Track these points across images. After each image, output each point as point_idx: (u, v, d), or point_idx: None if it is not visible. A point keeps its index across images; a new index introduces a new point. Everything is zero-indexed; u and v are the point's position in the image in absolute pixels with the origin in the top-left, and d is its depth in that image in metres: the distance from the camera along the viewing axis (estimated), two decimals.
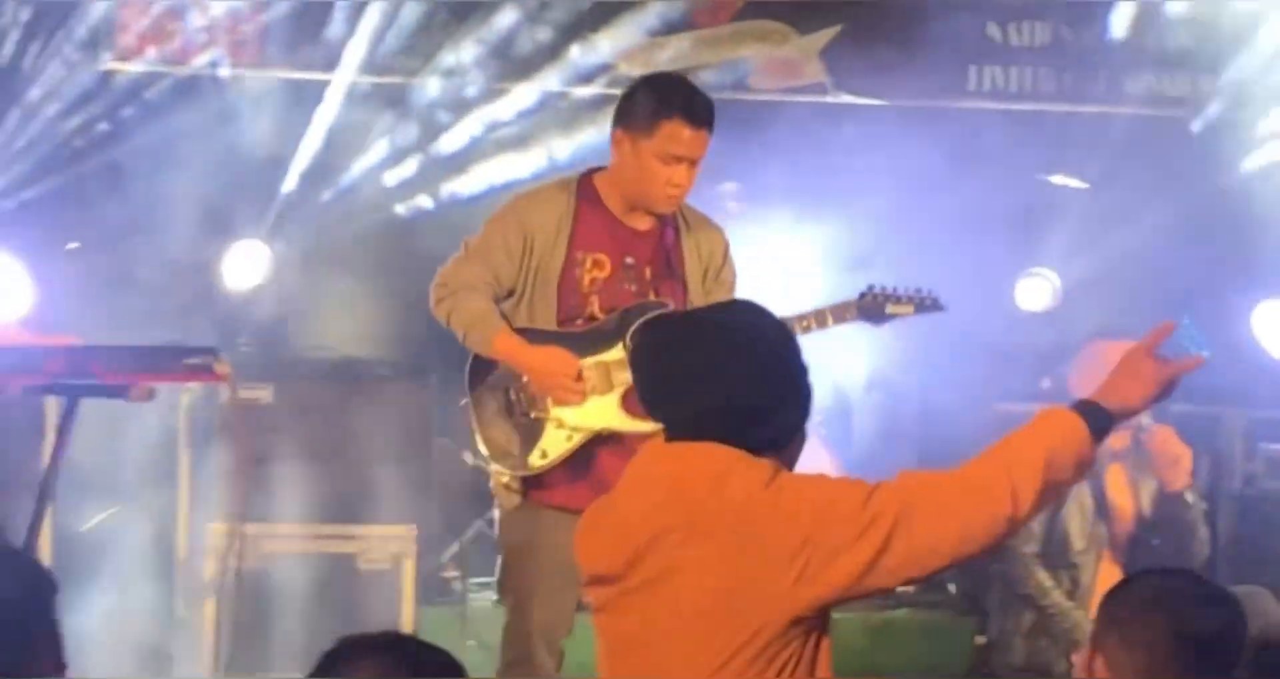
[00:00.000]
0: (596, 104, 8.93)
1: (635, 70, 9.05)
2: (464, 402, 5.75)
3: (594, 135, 8.74)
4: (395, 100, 9.17)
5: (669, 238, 5.79)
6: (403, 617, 7.52)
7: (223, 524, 7.50)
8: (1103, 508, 6.56)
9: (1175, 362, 3.66)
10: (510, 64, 9.08)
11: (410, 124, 9.17)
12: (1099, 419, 3.60)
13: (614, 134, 5.72)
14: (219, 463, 7.64)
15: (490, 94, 9.07)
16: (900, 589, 8.55)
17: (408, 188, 9.12)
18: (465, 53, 9.07)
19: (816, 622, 3.57)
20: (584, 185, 5.79)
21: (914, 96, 9.35)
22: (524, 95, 9.07)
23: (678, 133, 5.59)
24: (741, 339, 3.64)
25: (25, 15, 8.57)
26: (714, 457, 3.57)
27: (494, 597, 7.69)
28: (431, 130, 9.17)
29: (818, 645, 3.58)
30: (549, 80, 9.06)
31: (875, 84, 9.39)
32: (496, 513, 5.93)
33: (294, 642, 7.33)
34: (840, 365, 8.89)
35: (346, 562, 7.58)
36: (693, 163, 5.63)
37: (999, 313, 9.18)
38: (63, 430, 4.87)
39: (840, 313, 5.81)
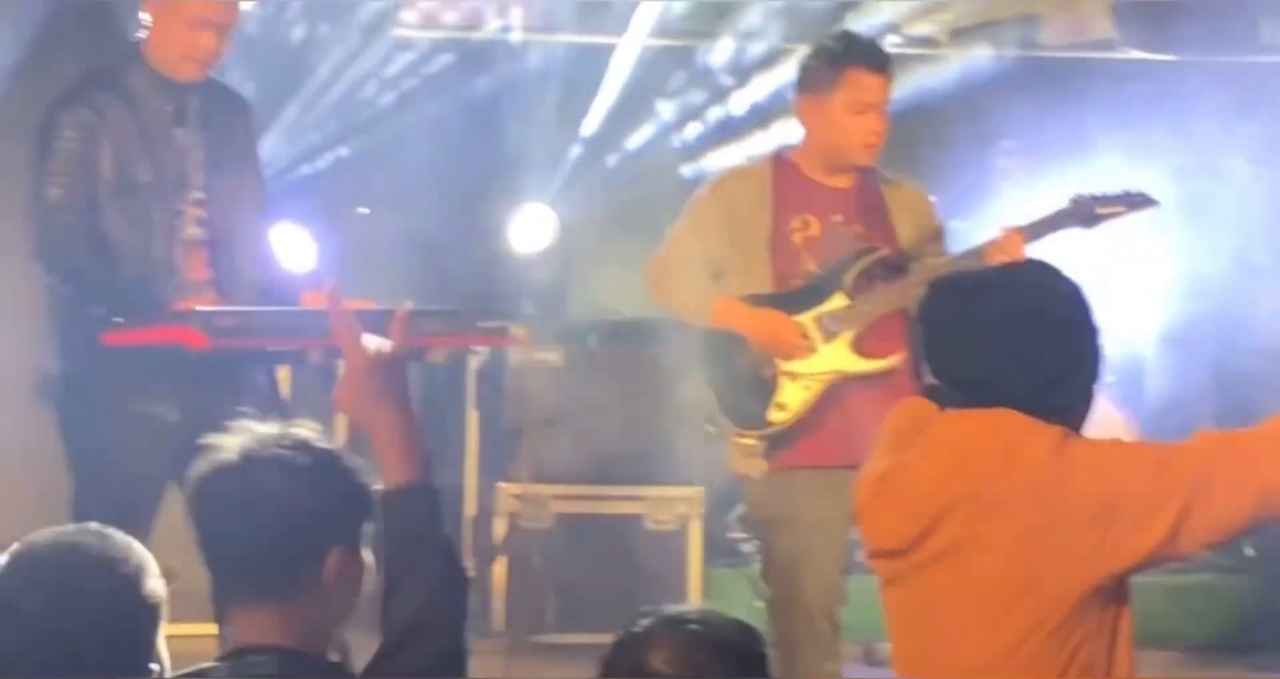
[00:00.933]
0: None
1: (923, 29, 9.00)
2: (698, 375, 5.77)
3: None
4: (683, 63, 9.19)
5: (872, 195, 5.78)
6: (689, 578, 7.56)
7: (512, 485, 7.61)
8: None
9: None
10: (797, 25, 9.05)
11: (698, 87, 9.19)
12: None
13: (798, 104, 5.76)
14: (508, 424, 7.75)
15: (778, 55, 9.05)
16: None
17: (695, 150, 9.14)
18: (753, 14, 9.05)
19: (1116, 591, 3.48)
20: (779, 159, 5.81)
21: (1204, 52, 9.15)
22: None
23: (860, 80, 5.60)
24: (1034, 301, 3.56)
25: None
26: (1004, 425, 3.50)
27: None
28: (719, 93, 9.18)
29: (1118, 616, 3.50)
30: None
31: (1164, 39, 9.21)
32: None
33: (581, 602, 7.41)
34: (1132, 323, 8.75)
35: (633, 522, 7.64)
36: (881, 110, 5.63)
37: None
38: None
39: (1054, 221, 5.73)
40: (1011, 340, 3.52)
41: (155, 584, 2.94)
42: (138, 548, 2.96)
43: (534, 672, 7.22)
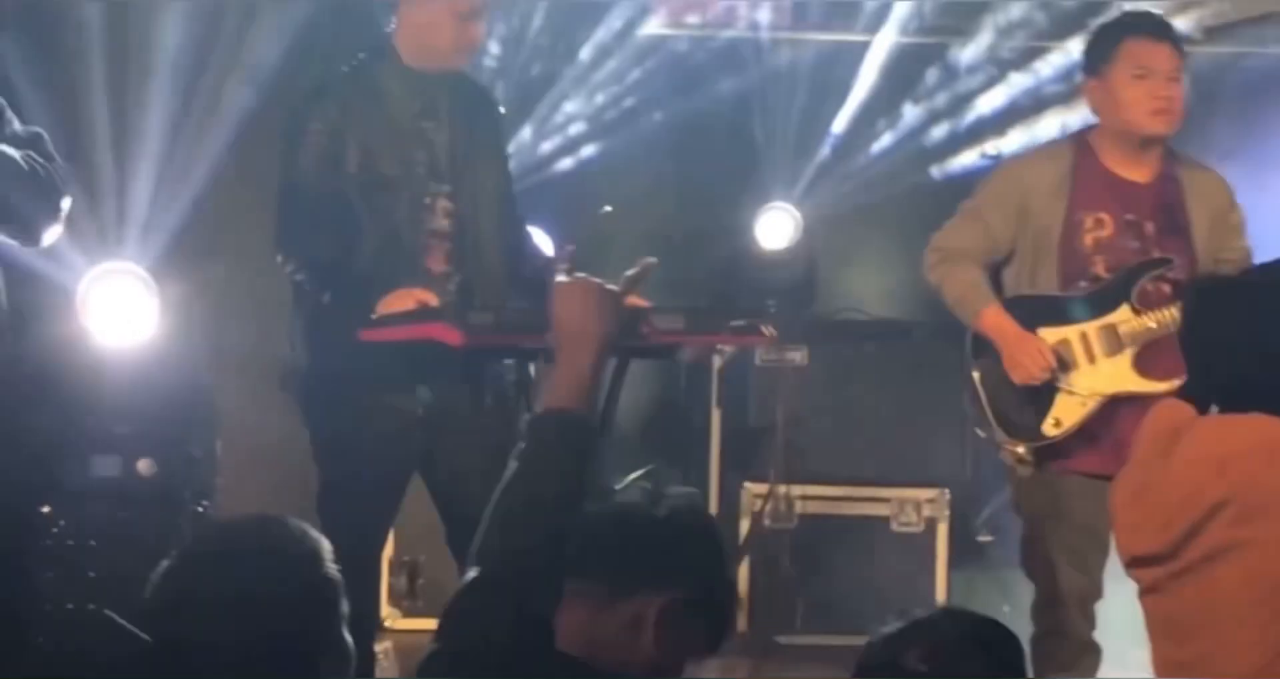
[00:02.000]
0: None
1: (1185, 25, 8.83)
2: (971, 374, 5.68)
3: None
4: (934, 61, 9.10)
5: (1170, 190, 5.64)
6: (937, 580, 7.49)
7: (758, 484, 7.59)
8: None
9: None
10: (1053, 22, 8.92)
11: (948, 85, 9.10)
12: None
13: (1085, 89, 5.68)
14: (753, 423, 7.73)
15: (1031, 53, 8.93)
16: None
17: (944, 150, 9.05)
18: (1010, 11, 8.94)
19: None
20: (1081, 144, 5.69)
21: None
22: (1066, 54, 8.90)
23: (1137, 48, 5.51)
24: None
25: None
26: (1263, 428, 3.46)
27: None
28: (970, 91, 9.08)
29: None
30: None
31: None
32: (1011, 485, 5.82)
33: (825, 603, 7.38)
34: None
35: (879, 523, 7.58)
36: (1168, 75, 5.51)
37: None
38: (613, 391, 4.99)
39: None
40: (1269, 345, 3.47)
41: (331, 568, 2.88)
42: (311, 532, 2.92)
43: (779, 673, 7.19)
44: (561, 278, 3.30)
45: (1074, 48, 8.76)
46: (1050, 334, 5.57)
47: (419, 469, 5.45)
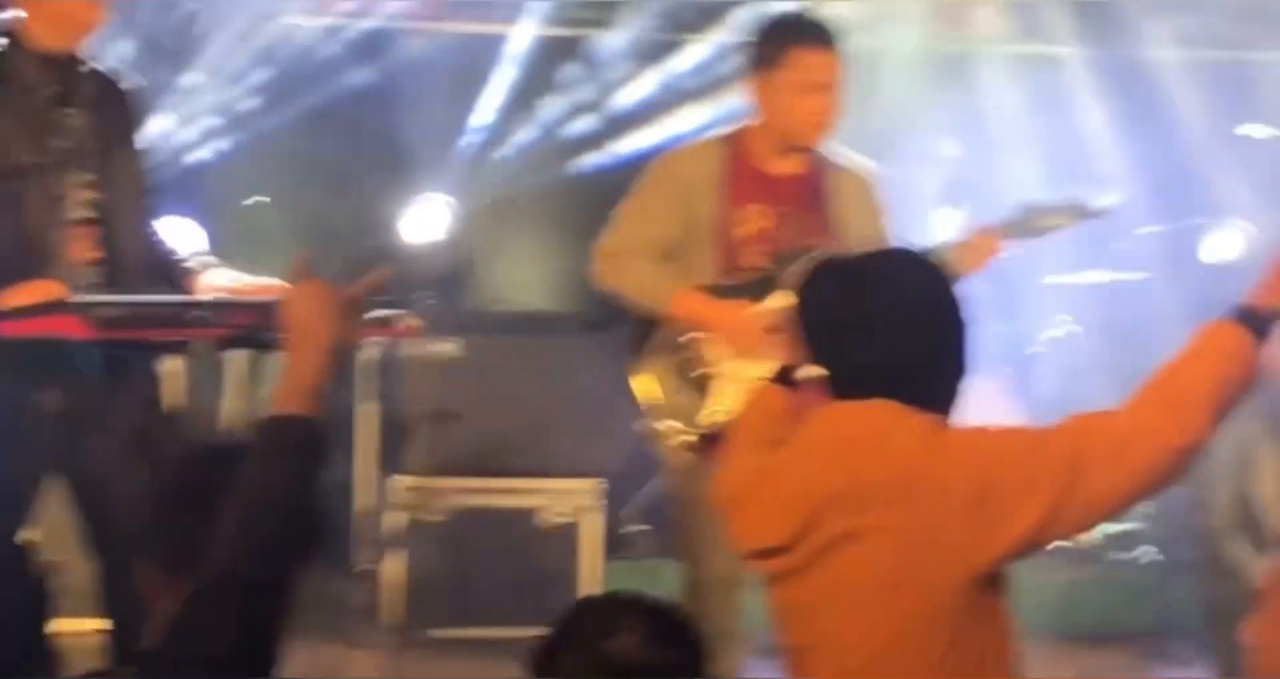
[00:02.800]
0: None
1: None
2: (635, 365, 5.69)
3: None
4: (575, 53, 9.12)
5: (819, 183, 5.73)
6: (586, 571, 7.50)
7: (407, 478, 7.52)
8: None
9: None
10: (691, 15, 9.01)
11: (590, 78, 9.13)
12: (1257, 324, 3.49)
13: (748, 82, 5.70)
14: (403, 417, 7.66)
15: (670, 46, 9.00)
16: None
17: (587, 142, 9.08)
18: (645, 5, 9.00)
19: (995, 580, 3.51)
20: (734, 140, 5.75)
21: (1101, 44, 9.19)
22: (703, 47, 9.00)
23: (806, 59, 5.55)
24: (909, 290, 3.57)
25: None
26: (879, 415, 3.51)
27: None
28: (611, 84, 9.13)
29: (997, 605, 3.53)
30: (729, 31, 8.99)
31: (1059, 31, 9.24)
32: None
33: (475, 596, 7.34)
34: (1024, 313, 8.78)
35: (529, 516, 7.57)
36: (828, 88, 5.57)
37: (1190, 263, 9.01)
38: (255, 384, 4.89)
39: (1003, 232, 5.71)
40: (888, 328, 3.52)
41: None
42: None
43: (427, 666, 7.14)
44: (291, 281, 3.21)
45: (714, 40, 8.86)
46: None
47: (57, 469, 5.27)
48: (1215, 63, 9.22)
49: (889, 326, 3.52)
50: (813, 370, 3.64)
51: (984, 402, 3.79)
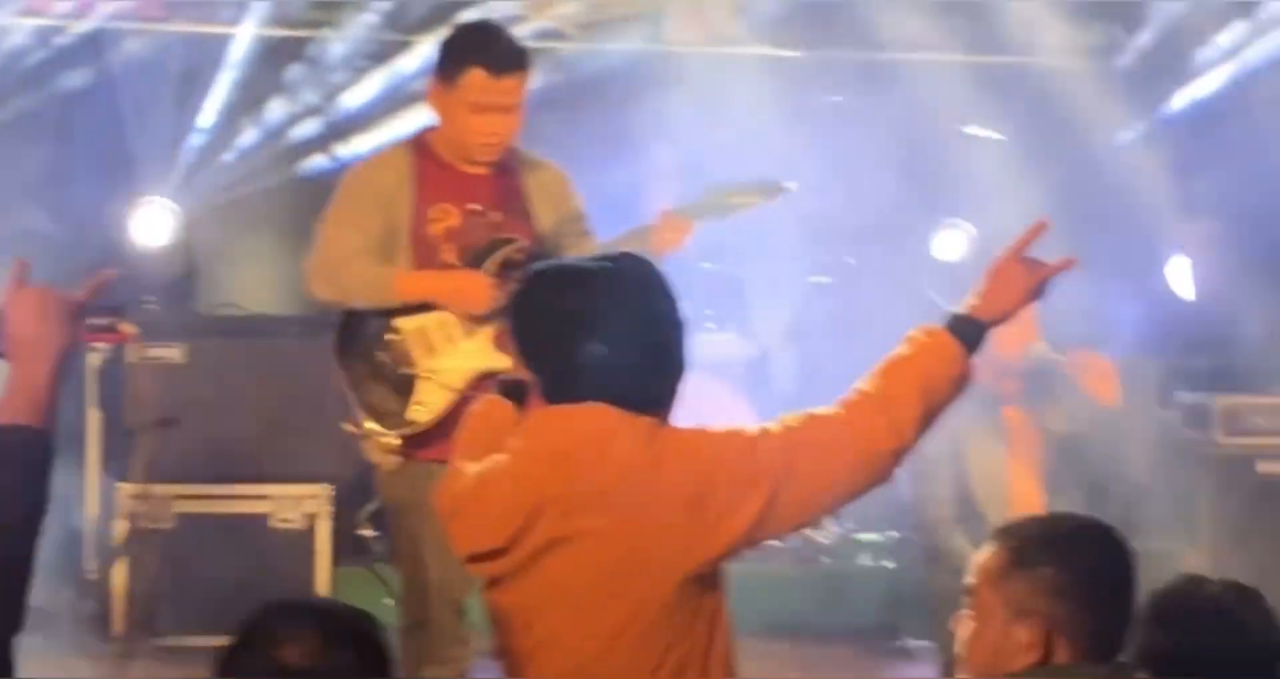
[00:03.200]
0: None
1: (546, 21, 8.99)
2: (340, 368, 5.64)
3: None
4: (299, 55, 9.05)
5: (510, 179, 5.71)
6: (318, 576, 7.45)
7: (132, 485, 7.41)
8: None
9: (1046, 264, 3.65)
10: (416, 17, 8.97)
11: (315, 80, 9.06)
12: (970, 331, 3.59)
13: (429, 88, 5.68)
14: (126, 423, 7.54)
15: (395, 48, 8.96)
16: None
17: (312, 144, 9.01)
18: (370, 6, 8.95)
19: (712, 579, 3.54)
20: (419, 142, 5.71)
21: (829, 47, 9.30)
22: (429, 48, 8.97)
23: (479, 82, 5.50)
24: (625, 290, 3.57)
25: None
26: (596, 419, 3.51)
27: None
28: (336, 86, 9.06)
29: (715, 606, 3.56)
30: None
31: (791, 35, 9.34)
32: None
33: (205, 603, 7.24)
34: (757, 313, 8.87)
35: (259, 521, 7.49)
36: (508, 110, 5.55)
37: (916, 263, 9.14)
38: None
39: (691, 211, 5.73)
40: (605, 333, 3.51)
41: None
42: None
43: (152, 674, 7.05)
44: (9, 289, 3.13)
45: (431, 45, 8.83)
46: (408, 323, 5.58)
47: None
48: (943, 65, 9.37)
49: (602, 328, 3.51)
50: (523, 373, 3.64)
51: (711, 402, 3.82)
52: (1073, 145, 9.08)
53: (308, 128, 9.04)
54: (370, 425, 5.56)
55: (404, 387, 5.54)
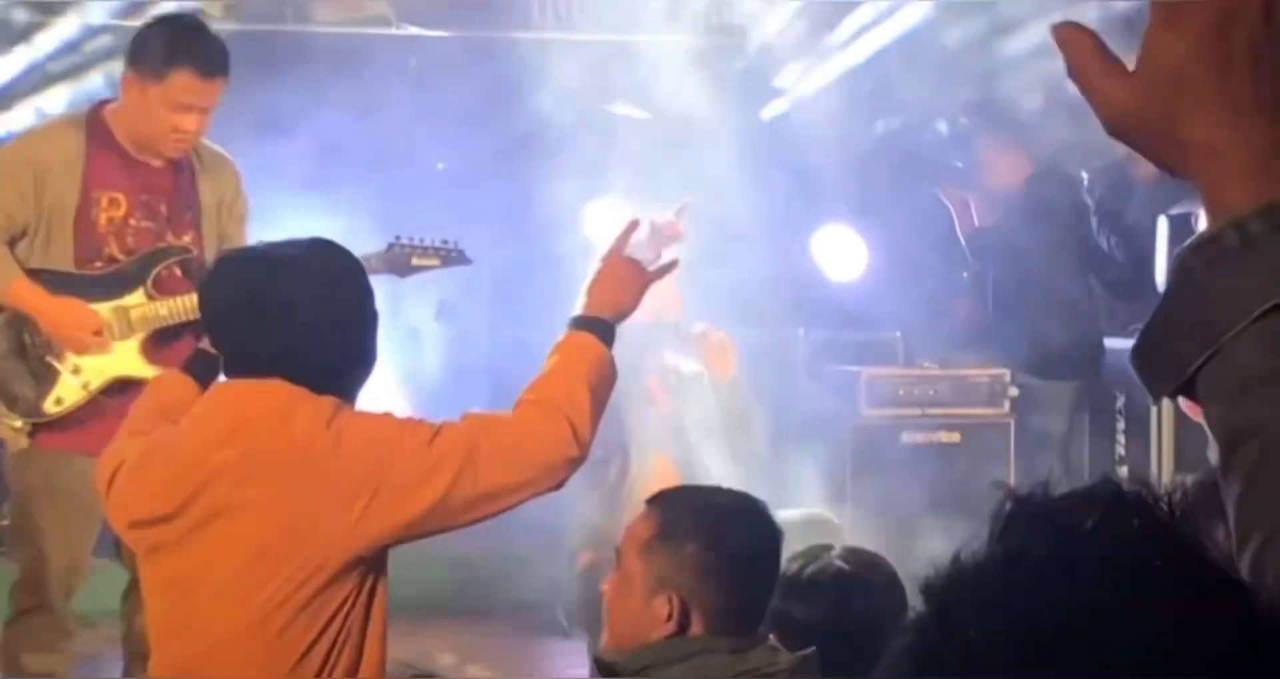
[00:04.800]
0: None
1: (188, 2, 8.87)
2: None
3: None
4: None
5: (184, 174, 5.66)
6: None
7: None
8: None
9: (652, 269, 3.88)
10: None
11: None
12: (605, 331, 3.73)
13: (124, 75, 5.58)
14: None
15: (32, 27, 8.76)
16: None
17: None
18: None
19: (375, 563, 3.59)
20: (94, 121, 5.61)
21: (479, 28, 9.32)
22: (67, 28, 8.78)
23: (188, 83, 5.46)
24: (312, 275, 3.61)
25: None
26: (276, 393, 3.54)
27: None
28: None
29: (375, 587, 3.60)
30: (94, 12, 8.81)
31: (440, 16, 9.33)
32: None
33: None
34: (409, 298, 8.84)
35: None
36: (203, 110, 5.51)
37: (568, 244, 9.19)
38: None
39: (365, 265, 5.66)
40: (289, 313, 3.55)
41: None
42: None
43: None
44: None
45: (69, 24, 8.65)
46: None
47: None
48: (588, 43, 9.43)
49: (286, 311, 3.54)
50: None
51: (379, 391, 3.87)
52: (720, 121, 9.20)
53: None
54: (1, 409, 5.44)
55: (43, 374, 5.44)
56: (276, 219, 6.05)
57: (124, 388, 5.45)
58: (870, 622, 3.48)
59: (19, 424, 5.44)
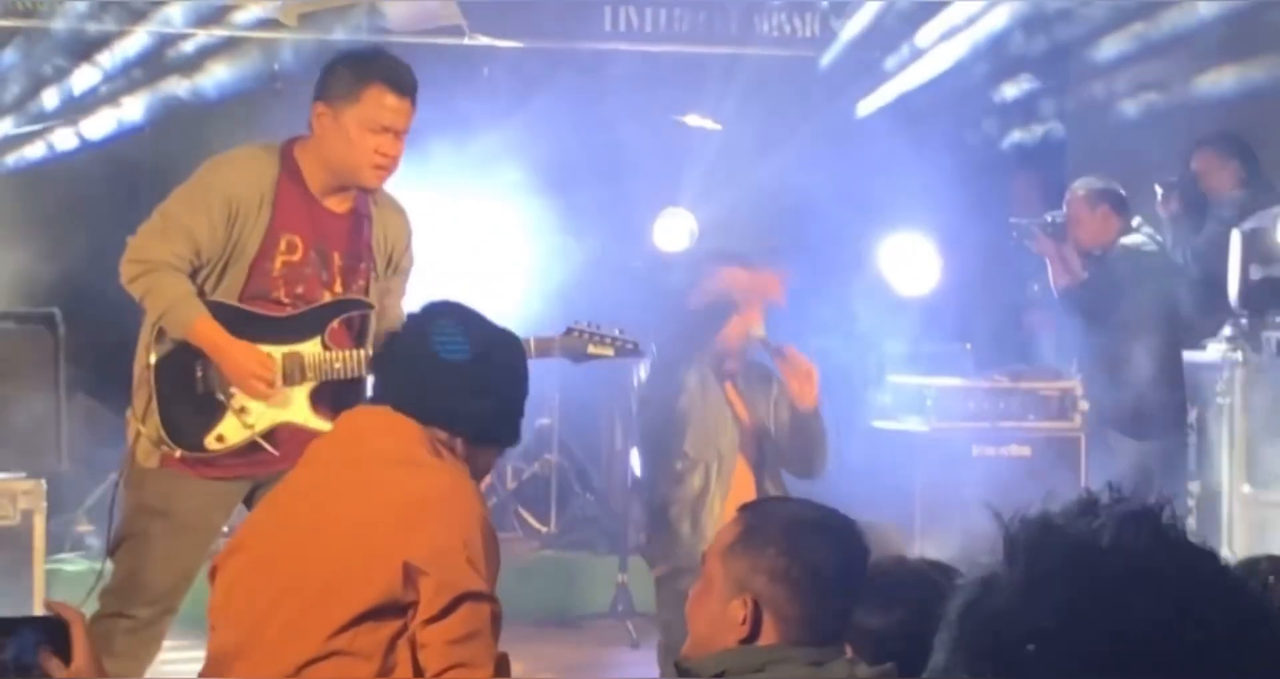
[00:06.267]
0: (224, 44, 8.86)
1: (261, 10, 8.95)
2: (150, 362, 5.48)
3: (224, 73, 8.69)
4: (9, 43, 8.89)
5: (362, 224, 5.55)
6: (35, 571, 7.31)
7: None
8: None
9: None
10: (128, 6, 8.85)
11: (23, 69, 8.89)
12: None
13: (315, 108, 5.47)
14: None
15: (106, 38, 8.83)
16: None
17: (21, 138, 8.85)
18: None
19: None
20: (286, 157, 5.49)
21: (550, 38, 9.36)
22: (140, 39, 8.84)
23: (382, 99, 5.37)
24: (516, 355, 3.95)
25: None
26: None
27: None
28: (45, 76, 8.91)
29: None
30: (168, 22, 8.87)
31: (512, 26, 9.37)
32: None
33: None
34: None
35: None
36: (398, 134, 5.43)
37: (637, 253, 9.22)
38: None
39: (542, 346, 5.65)
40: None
41: None
42: None
43: None
44: None
45: (142, 35, 8.70)
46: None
47: None
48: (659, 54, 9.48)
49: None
50: None
51: None
52: (788, 134, 9.22)
53: (13, 121, 8.87)
54: (157, 431, 5.42)
55: (208, 408, 5.42)
56: None
57: (281, 431, 5.45)
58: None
59: (178, 455, 5.43)
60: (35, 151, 8.80)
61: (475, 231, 8.59)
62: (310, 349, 5.48)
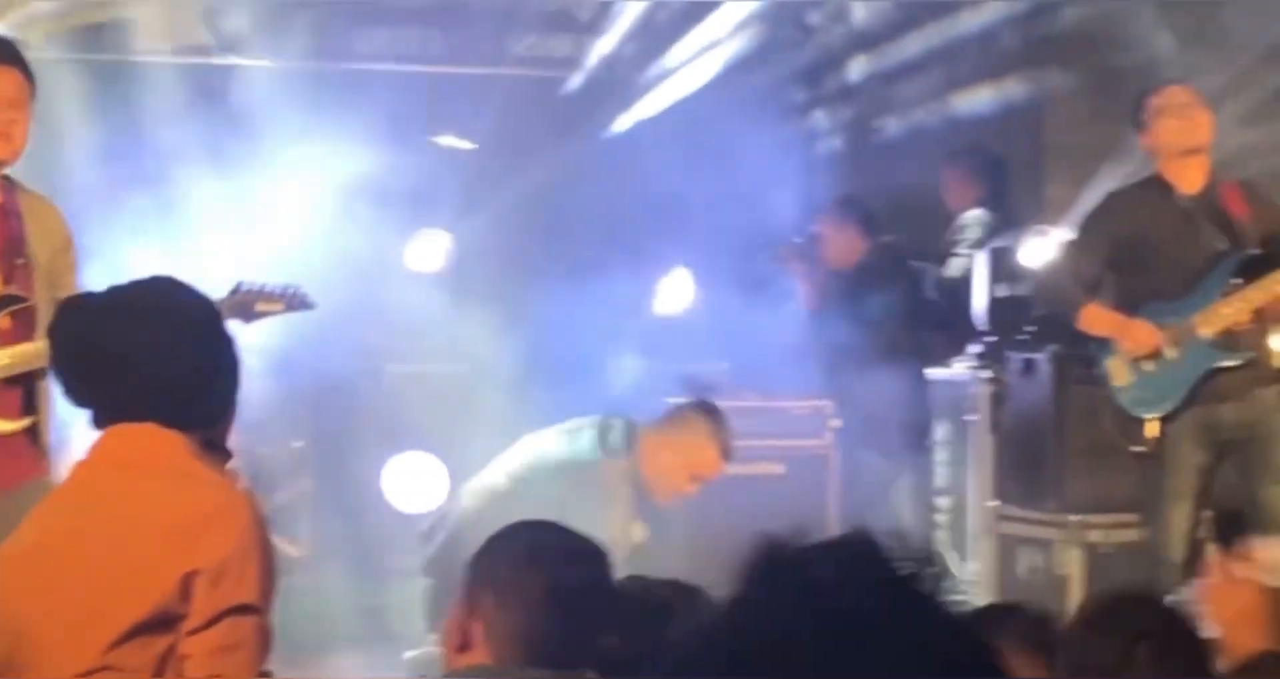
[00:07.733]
0: None
1: (5, 28, 8.78)
2: None
3: None
4: None
5: (11, 219, 5.38)
6: None
7: None
8: None
9: None
10: None
11: None
12: None
13: None
14: None
15: None
16: None
17: None
18: None
19: None
20: None
21: (300, 58, 9.29)
22: None
23: None
24: (169, 317, 3.58)
25: None
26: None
27: None
28: None
29: None
30: None
31: (261, 45, 9.29)
32: None
33: None
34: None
35: None
36: (11, 102, 5.23)
37: (391, 275, 9.16)
38: None
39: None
40: (152, 356, 3.52)
41: None
42: None
43: None
44: None
45: None
46: None
47: None
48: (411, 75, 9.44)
49: (158, 352, 3.54)
50: None
51: None
52: (542, 154, 9.23)
53: None
54: None
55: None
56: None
57: None
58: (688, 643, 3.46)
59: None
60: None
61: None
62: None
